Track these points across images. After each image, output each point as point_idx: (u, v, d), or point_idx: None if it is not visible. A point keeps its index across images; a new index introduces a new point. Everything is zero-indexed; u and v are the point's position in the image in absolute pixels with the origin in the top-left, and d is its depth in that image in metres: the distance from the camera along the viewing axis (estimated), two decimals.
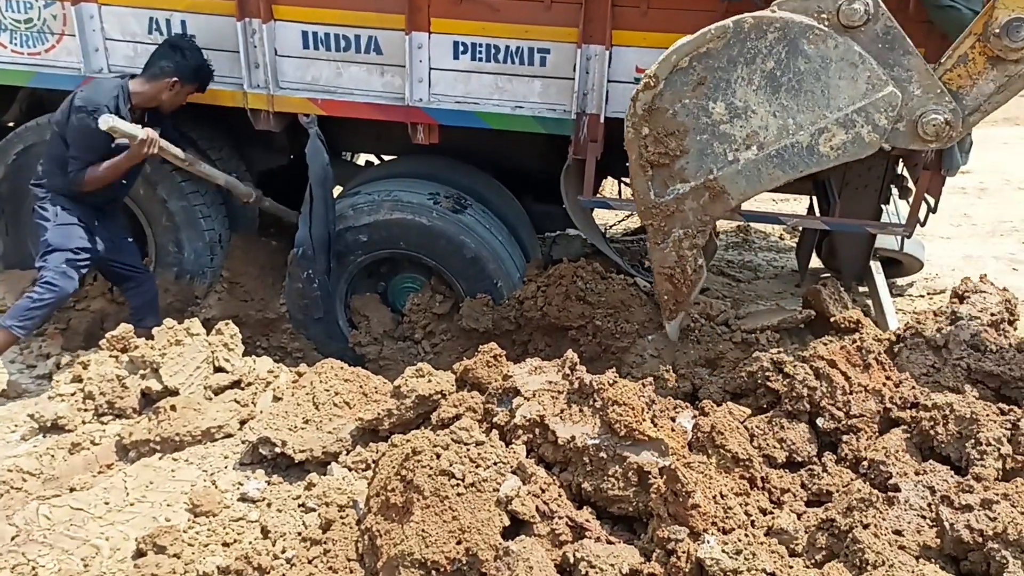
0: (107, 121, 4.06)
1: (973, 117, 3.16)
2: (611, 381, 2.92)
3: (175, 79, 4.36)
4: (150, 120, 4.50)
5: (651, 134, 3.29)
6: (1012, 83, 3.08)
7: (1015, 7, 2.93)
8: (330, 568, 2.74)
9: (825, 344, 3.50)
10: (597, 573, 2.45)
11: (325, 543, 2.84)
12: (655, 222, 3.55)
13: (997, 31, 2.98)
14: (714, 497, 2.60)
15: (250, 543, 3.06)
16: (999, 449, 2.72)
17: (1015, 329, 3.70)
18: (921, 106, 3.08)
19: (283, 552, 2.94)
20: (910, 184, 4.99)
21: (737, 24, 3.07)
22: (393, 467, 2.79)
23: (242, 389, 4.03)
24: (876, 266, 5.76)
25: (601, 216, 7.52)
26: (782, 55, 3.06)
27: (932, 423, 2.90)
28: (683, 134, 3.23)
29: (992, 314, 3.55)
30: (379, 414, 3.50)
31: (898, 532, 2.49)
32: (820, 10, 3.02)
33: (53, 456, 3.62)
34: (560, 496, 2.73)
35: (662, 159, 3.31)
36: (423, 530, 2.56)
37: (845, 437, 2.98)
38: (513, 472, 2.74)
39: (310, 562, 2.79)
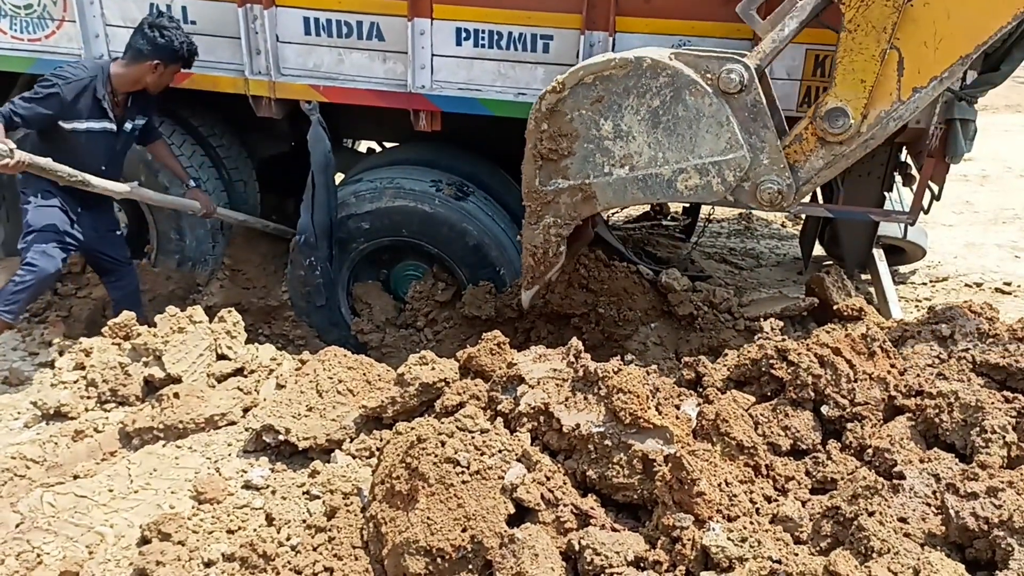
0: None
1: (805, 188, 3.56)
2: (616, 369, 2.91)
3: (156, 61, 4.25)
4: (134, 103, 4.45)
5: (548, 131, 3.68)
6: (837, 161, 3.52)
7: (842, 97, 3.37)
8: (335, 555, 2.74)
9: (829, 332, 3.50)
10: (602, 560, 2.45)
11: (330, 530, 2.84)
12: (533, 205, 3.95)
13: (823, 115, 3.43)
14: (719, 485, 2.60)
15: (255, 530, 3.06)
16: (1004, 437, 2.72)
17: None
18: (765, 174, 3.51)
19: (288, 539, 2.94)
20: (914, 171, 4.98)
21: (638, 60, 3.50)
22: (398, 455, 2.79)
23: (245, 377, 4.03)
24: (879, 254, 5.75)
25: None
26: (667, 98, 3.50)
27: (937, 411, 2.89)
28: (573, 138, 3.65)
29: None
30: (383, 402, 3.50)
31: (903, 520, 2.49)
32: (707, 70, 3.45)
33: (56, 443, 3.62)
34: (565, 484, 2.73)
35: (552, 155, 3.70)
36: (428, 518, 2.56)
37: (850, 425, 2.98)
38: (518, 460, 2.74)
39: (315, 549, 2.79)
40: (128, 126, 4.47)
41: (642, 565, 2.47)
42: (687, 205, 7.26)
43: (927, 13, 3.27)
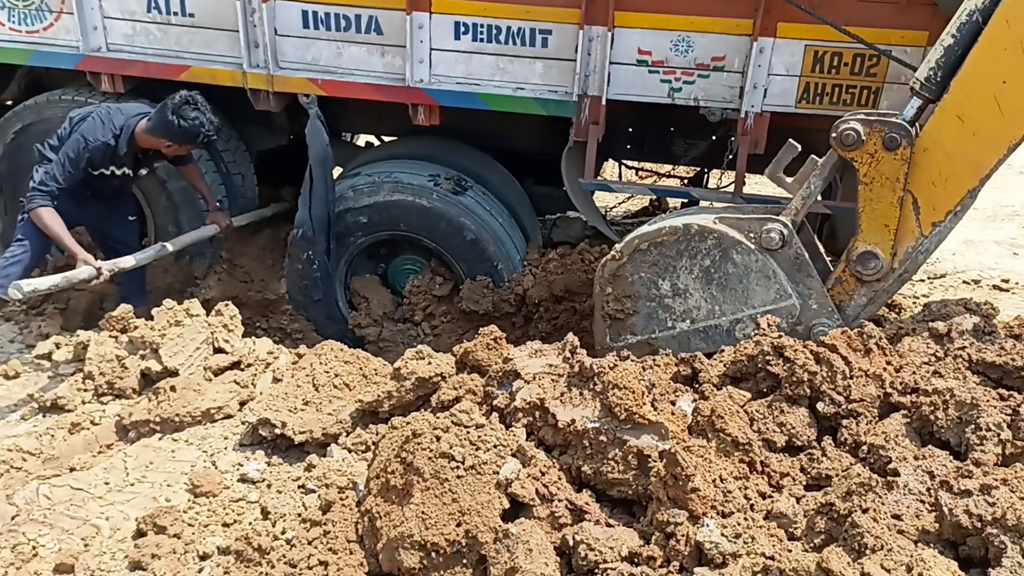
0: (19, 290, 3.95)
1: (854, 324, 3.71)
2: (611, 364, 2.91)
3: (169, 143, 4.41)
4: (155, 154, 4.58)
5: (612, 294, 3.98)
6: (879, 296, 3.76)
7: (870, 241, 3.64)
8: (330, 549, 2.74)
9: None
10: (596, 556, 2.46)
11: (325, 524, 2.84)
12: None
13: (855, 259, 3.68)
14: (713, 481, 2.60)
15: (250, 524, 3.07)
16: (999, 435, 2.72)
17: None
18: (815, 317, 3.74)
19: (283, 533, 2.94)
20: None
21: (686, 227, 3.80)
22: (393, 449, 2.79)
23: (242, 370, 4.03)
24: None
25: (601, 198, 7.51)
26: (716, 257, 3.79)
27: (932, 408, 2.90)
28: (636, 299, 3.95)
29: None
30: (379, 396, 3.50)
31: (897, 516, 2.49)
32: (749, 230, 3.73)
33: (53, 436, 3.62)
34: (560, 479, 2.73)
35: (618, 314, 4.00)
36: (423, 512, 2.56)
37: (845, 422, 2.98)
38: (513, 455, 2.74)
39: (310, 543, 2.79)
40: (143, 171, 4.66)
41: (636, 561, 2.47)
42: (686, 200, 7.26)
43: (928, 158, 3.50)
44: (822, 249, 4.08)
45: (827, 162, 3.66)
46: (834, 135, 3.53)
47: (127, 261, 4.51)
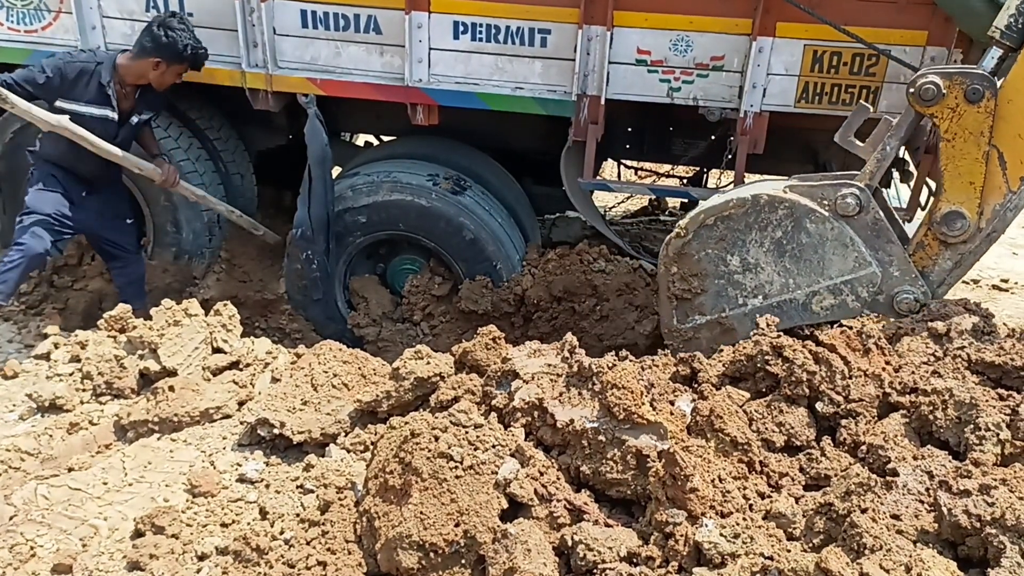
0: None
1: (940, 290, 3.66)
2: (610, 364, 2.91)
3: (158, 59, 4.32)
4: (142, 97, 4.50)
5: (678, 273, 3.86)
6: (966, 259, 3.63)
7: (955, 201, 3.51)
8: (328, 549, 2.74)
9: (824, 328, 3.49)
10: (595, 556, 2.45)
11: (323, 524, 2.84)
12: (674, 344, 4.05)
13: (939, 220, 3.56)
14: (712, 481, 2.60)
15: (248, 524, 3.06)
16: (998, 434, 2.71)
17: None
18: (898, 285, 3.62)
19: (281, 533, 2.94)
20: (911, 168, 4.97)
21: (755, 198, 3.67)
22: (391, 449, 2.79)
23: (240, 370, 4.02)
24: None
25: (601, 198, 7.50)
26: (788, 228, 3.66)
27: (931, 408, 2.90)
28: (704, 277, 3.83)
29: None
30: (377, 396, 3.50)
31: (896, 516, 2.49)
32: (823, 197, 3.61)
33: (51, 436, 3.62)
34: (559, 479, 2.73)
35: (685, 294, 3.88)
36: (421, 512, 2.56)
37: (844, 421, 2.98)
38: (512, 455, 2.74)
39: (308, 543, 2.79)
40: (133, 120, 4.54)
41: (635, 561, 2.47)
42: (686, 200, 7.26)
43: (1013, 109, 3.36)
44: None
45: (903, 121, 3.52)
46: (911, 90, 3.39)
47: (199, 191, 4.57)
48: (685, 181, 6.21)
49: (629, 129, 5.06)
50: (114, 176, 4.73)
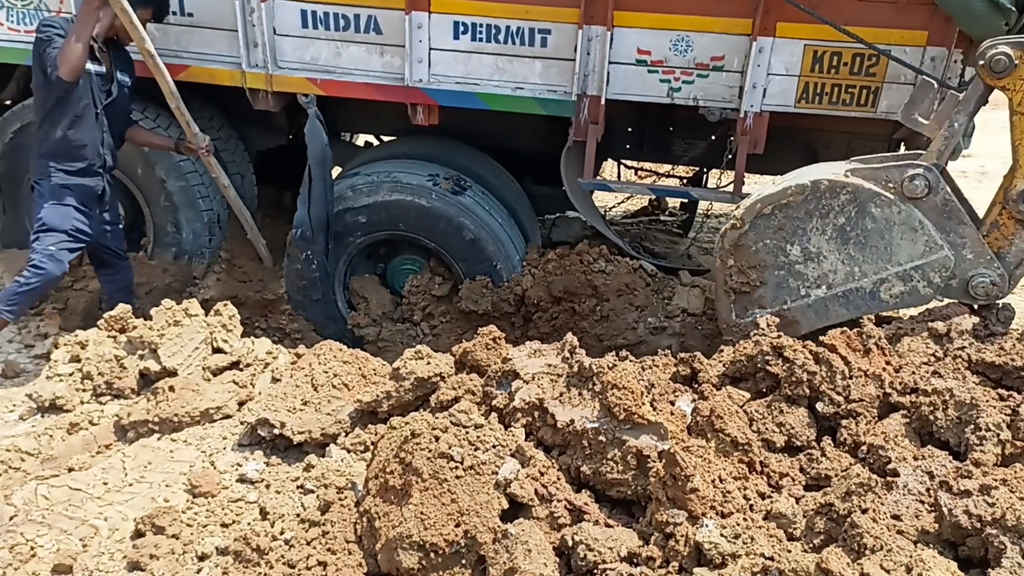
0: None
1: (1018, 271, 3.49)
2: (610, 364, 2.91)
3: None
4: (115, 57, 4.43)
5: (735, 265, 3.76)
6: None
7: None
8: (328, 550, 2.74)
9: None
10: (595, 556, 2.45)
11: (324, 525, 2.84)
12: (734, 339, 3.90)
13: (1015, 198, 3.41)
14: (713, 481, 2.60)
15: (249, 524, 3.06)
16: (998, 435, 2.72)
17: None
18: (972, 268, 3.48)
19: (282, 533, 2.94)
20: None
21: (815, 184, 3.54)
22: (392, 449, 2.79)
23: (240, 370, 4.02)
24: None
25: (601, 198, 7.50)
26: (852, 214, 3.53)
27: (932, 408, 2.90)
28: (763, 269, 3.72)
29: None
30: (378, 396, 3.50)
31: (896, 517, 2.49)
32: (888, 180, 3.47)
33: (51, 436, 3.62)
34: (559, 479, 2.73)
35: (744, 287, 3.77)
36: (422, 512, 2.56)
37: (844, 422, 2.98)
38: (512, 455, 2.74)
39: (309, 543, 2.79)
40: (118, 77, 4.45)
41: (635, 561, 2.47)
42: (685, 200, 7.26)
43: None
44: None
45: (971, 95, 3.42)
46: (981, 63, 3.28)
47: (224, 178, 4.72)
48: (685, 181, 6.21)
49: (629, 129, 5.05)
50: (112, 166, 4.67)
